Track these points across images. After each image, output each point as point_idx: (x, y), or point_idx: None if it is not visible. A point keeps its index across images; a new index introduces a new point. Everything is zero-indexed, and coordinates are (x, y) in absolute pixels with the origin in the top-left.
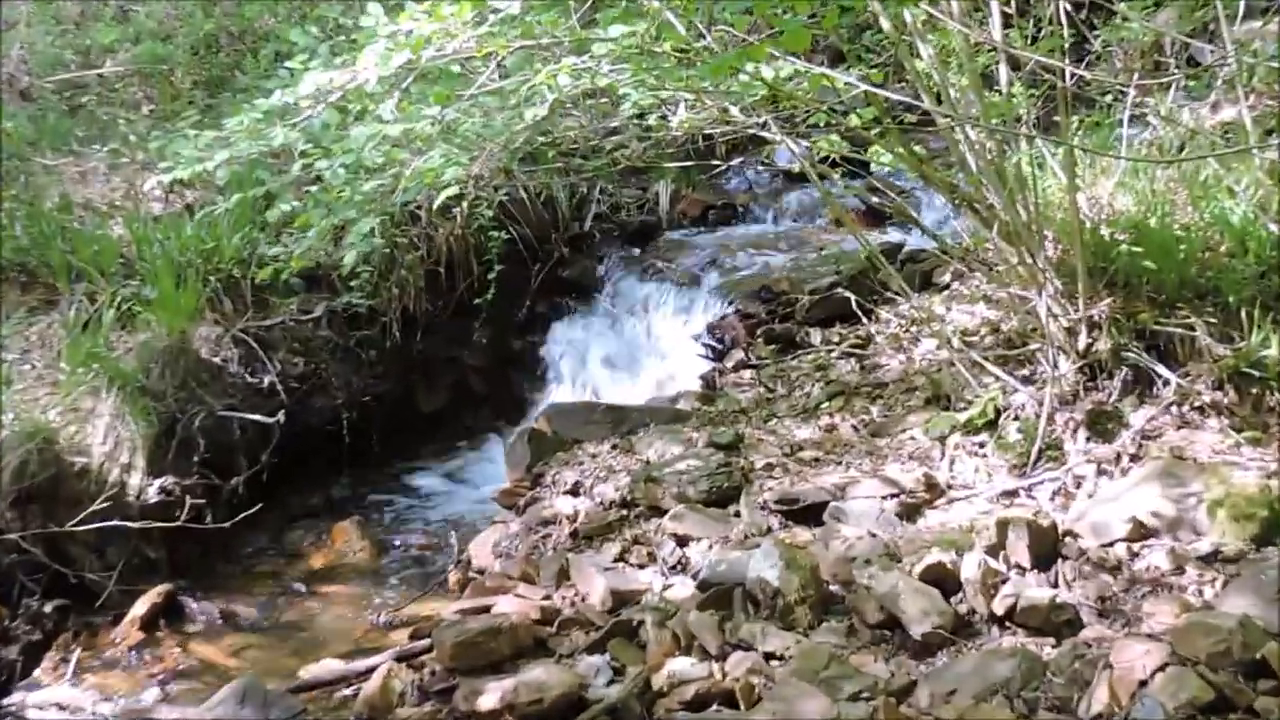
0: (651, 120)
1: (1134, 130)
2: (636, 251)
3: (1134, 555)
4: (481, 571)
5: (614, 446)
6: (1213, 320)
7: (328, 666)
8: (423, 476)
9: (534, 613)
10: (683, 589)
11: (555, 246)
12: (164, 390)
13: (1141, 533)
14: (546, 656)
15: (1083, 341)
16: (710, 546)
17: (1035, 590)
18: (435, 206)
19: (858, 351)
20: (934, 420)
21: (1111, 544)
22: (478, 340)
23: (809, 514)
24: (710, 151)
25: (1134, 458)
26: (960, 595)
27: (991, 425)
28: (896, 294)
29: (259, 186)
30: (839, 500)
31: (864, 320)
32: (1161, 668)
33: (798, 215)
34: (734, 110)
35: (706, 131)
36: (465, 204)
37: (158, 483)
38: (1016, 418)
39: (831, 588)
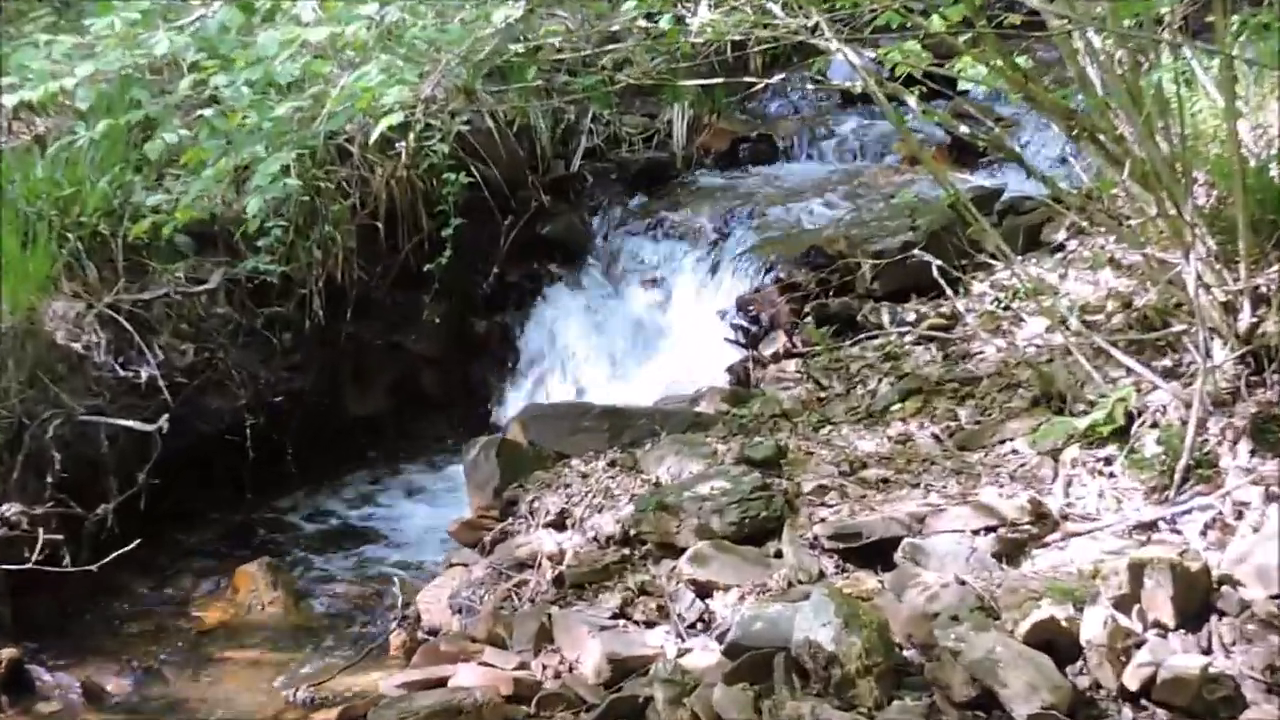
0: (663, 23)
1: None
2: (642, 200)
3: None
4: (434, 631)
5: (612, 463)
6: None
7: None
8: (355, 503)
9: (505, 686)
10: (705, 655)
11: (533, 193)
12: (6, 387)
13: None
14: None
15: (1245, 321)
16: (742, 598)
17: (1181, 657)
18: (372, 140)
19: (940, 335)
20: (1044, 428)
21: None
22: (428, 320)
23: (875, 554)
24: (742, 66)
25: None
26: (1079, 664)
27: (1121, 434)
28: (993, 257)
29: (134, 111)
30: (916, 535)
31: (948, 293)
32: None
33: (859, 151)
34: (774, 8)
35: (737, 39)
36: (412, 136)
37: None
38: (1155, 424)
39: (906, 653)
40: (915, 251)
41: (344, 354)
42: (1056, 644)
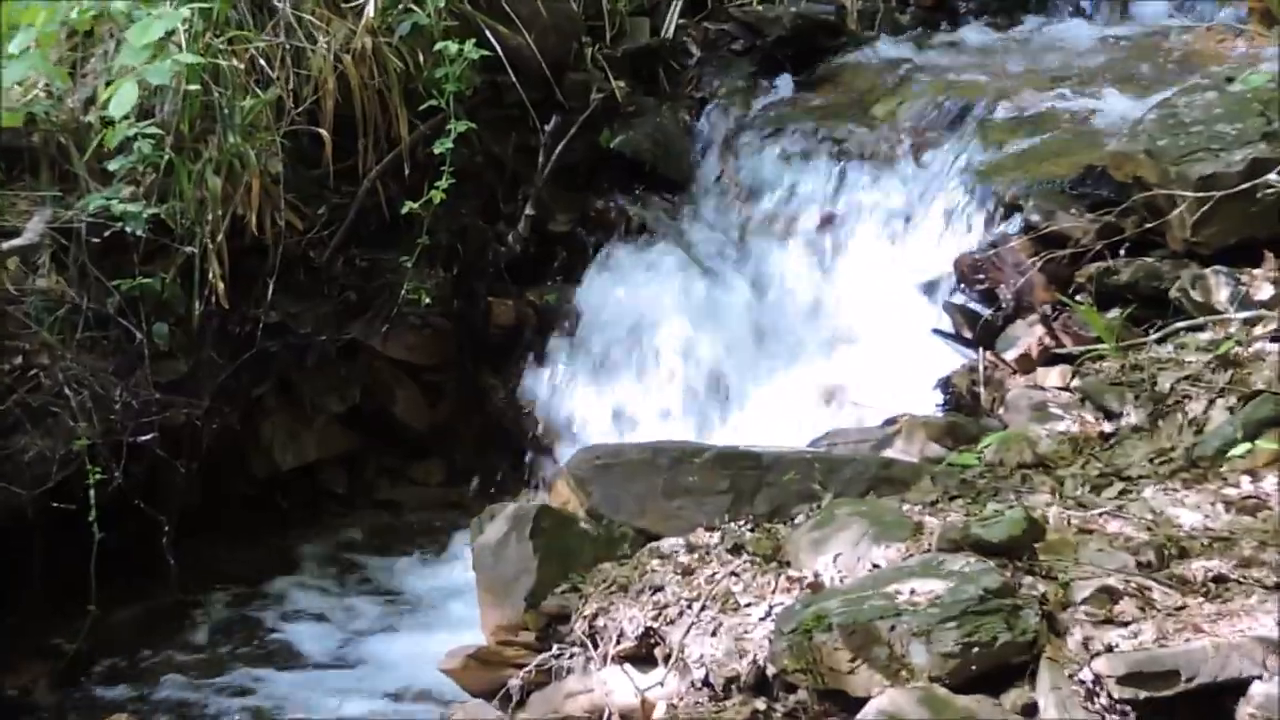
0: None
1: None
2: (788, 88)
3: None
4: None
5: (736, 548)
6: None
7: None
8: (280, 619)
9: None
10: None
11: (595, 78)
12: None
13: None
14: None
15: None
16: None
17: None
18: None
19: None
20: None
21: None
22: (412, 298)
23: (1203, 706)
24: None
25: None
26: None
27: None
28: None
29: None
30: (1276, 676)
31: None
32: None
33: (1176, 1)
34: None
35: None
36: None
37: None
38: None
39: None
40: (1272, 177)
41: (263, 360)
42: None
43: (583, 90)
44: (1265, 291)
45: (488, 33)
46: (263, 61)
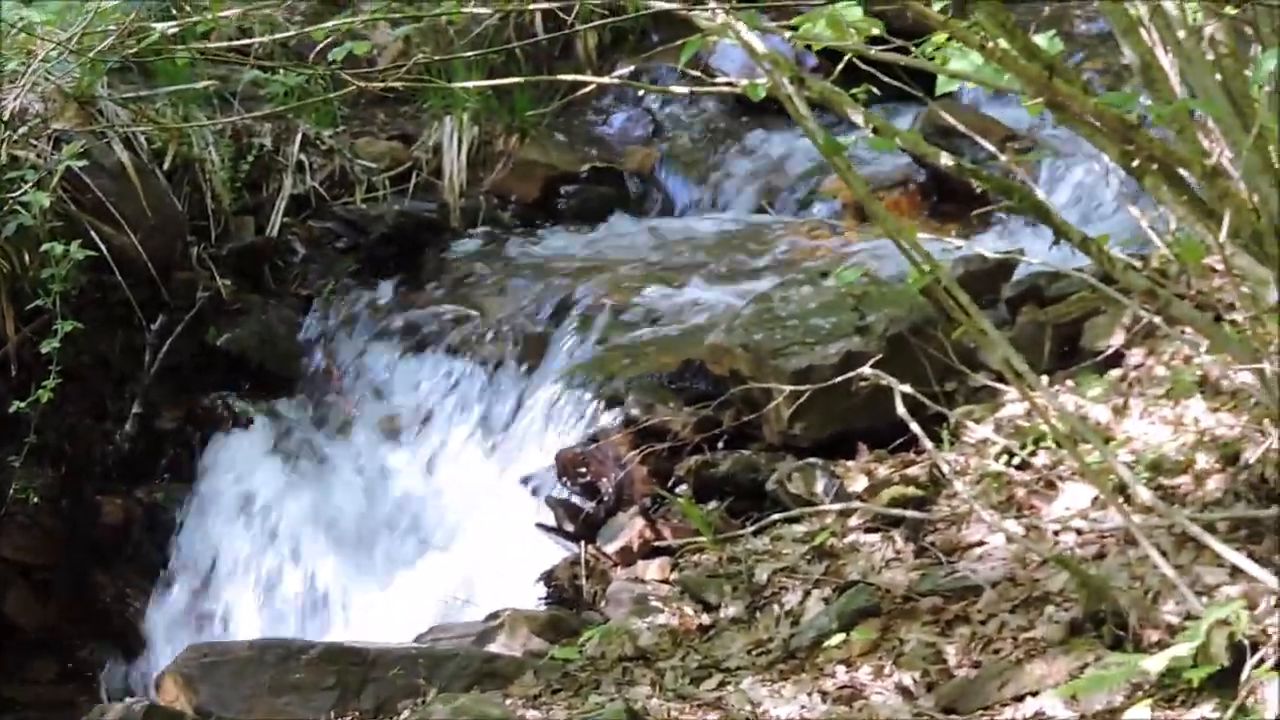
0: None
1: None
2: (392, 286)
3: None
4: None
5: None
6: None
7: None
8: None
9: None
10: None
11: (200, 276)
12: None
13: None
14: None
15: None
16: None
17: None
18: None
19: (911, 514)
20: (1091, 673)
21: None
22: (19, 499)
23: None
24: (563, 51)
25: None
26: None
27: (1224, 682)
28: (1000, 379)
29: None
30: None
31: (923, 441)
32: None
33: (769, 198)
34: None
35: (550, 5)
36: None
37: None
38: None
39: None
40: (865, 370)
41: None
42: None
43: (189, 289)
44: (860, 483)
45: (93, 233)
46: None
